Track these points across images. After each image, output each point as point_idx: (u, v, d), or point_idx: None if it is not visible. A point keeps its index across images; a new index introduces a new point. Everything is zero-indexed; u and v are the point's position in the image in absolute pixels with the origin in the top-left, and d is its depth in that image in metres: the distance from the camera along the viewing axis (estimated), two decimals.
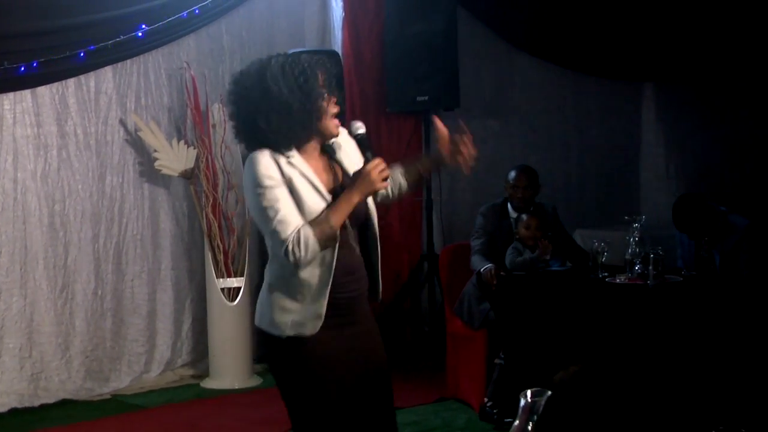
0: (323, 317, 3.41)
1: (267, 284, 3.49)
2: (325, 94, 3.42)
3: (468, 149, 3.60)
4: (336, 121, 3.49)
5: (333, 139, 3.53)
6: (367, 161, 3.47)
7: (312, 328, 3.42)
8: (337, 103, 3.50)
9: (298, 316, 3.42)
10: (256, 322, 3.53)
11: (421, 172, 3.79)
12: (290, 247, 3.30)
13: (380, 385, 3.58)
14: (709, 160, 8.79)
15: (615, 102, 9.07)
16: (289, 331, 3.42)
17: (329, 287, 3.41)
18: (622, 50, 8.60)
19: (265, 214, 3.33)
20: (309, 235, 3.31)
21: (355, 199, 3.41)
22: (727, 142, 8.70)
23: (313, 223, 3.34)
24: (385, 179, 3.43)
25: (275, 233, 3.32)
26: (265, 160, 3.36)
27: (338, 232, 3.40)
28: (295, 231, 3.30)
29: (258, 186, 3.34)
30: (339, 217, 3.38)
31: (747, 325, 4.99)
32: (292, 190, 3.36)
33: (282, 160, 3.38)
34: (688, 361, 5.08)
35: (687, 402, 5.05)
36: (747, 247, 5.77)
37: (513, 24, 8.29)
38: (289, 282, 3.42)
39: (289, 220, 3.32)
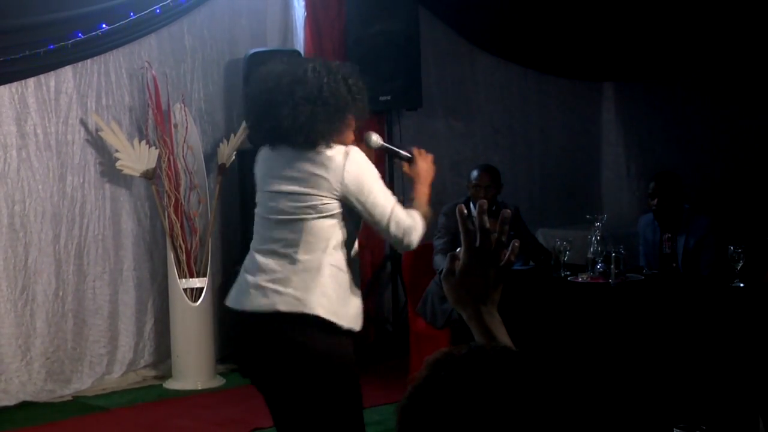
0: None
1: (324, 271, 3.36)
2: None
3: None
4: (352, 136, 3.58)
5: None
6: (409, 158, 3.65)
7: (360, 323, 3.46)
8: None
9: (353, 309, 3.43)
10: (310, 309, 3.34)
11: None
12: (419, 236, 3.43)
13: None
14: (669, 160, 8.85)
15: (576, 101, 9.11)
16: (349, 324, 3.41)
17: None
18: (583, 50, 8.65)
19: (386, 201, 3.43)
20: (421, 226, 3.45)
21: (428, 190, 3.61)
22: (687, 141, 8.77)
23: (418, 215, 3.49)
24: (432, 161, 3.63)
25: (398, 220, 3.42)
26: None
27: None
28: (419, 221, 3.43)
29: (376, 177, 3.45)
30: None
31: (707, 324, 5.03)
32: None
33: None
34: (648, 359, 5.11)
35: (648, 399, 5.08)
36: (707, 246, 5.83)
37: (474, 24, 8.31)
38: (346, 274, 3.42)
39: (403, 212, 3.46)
